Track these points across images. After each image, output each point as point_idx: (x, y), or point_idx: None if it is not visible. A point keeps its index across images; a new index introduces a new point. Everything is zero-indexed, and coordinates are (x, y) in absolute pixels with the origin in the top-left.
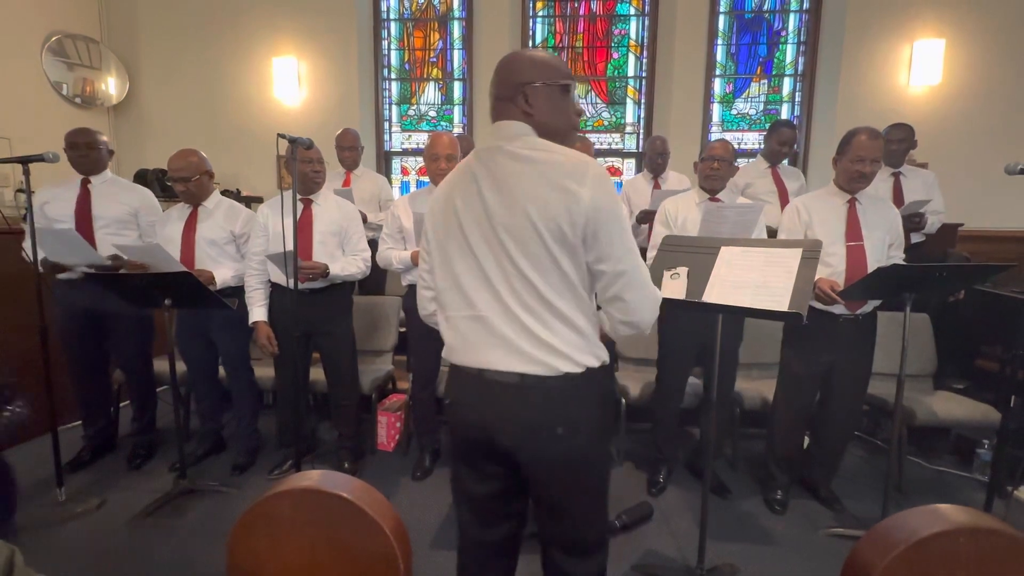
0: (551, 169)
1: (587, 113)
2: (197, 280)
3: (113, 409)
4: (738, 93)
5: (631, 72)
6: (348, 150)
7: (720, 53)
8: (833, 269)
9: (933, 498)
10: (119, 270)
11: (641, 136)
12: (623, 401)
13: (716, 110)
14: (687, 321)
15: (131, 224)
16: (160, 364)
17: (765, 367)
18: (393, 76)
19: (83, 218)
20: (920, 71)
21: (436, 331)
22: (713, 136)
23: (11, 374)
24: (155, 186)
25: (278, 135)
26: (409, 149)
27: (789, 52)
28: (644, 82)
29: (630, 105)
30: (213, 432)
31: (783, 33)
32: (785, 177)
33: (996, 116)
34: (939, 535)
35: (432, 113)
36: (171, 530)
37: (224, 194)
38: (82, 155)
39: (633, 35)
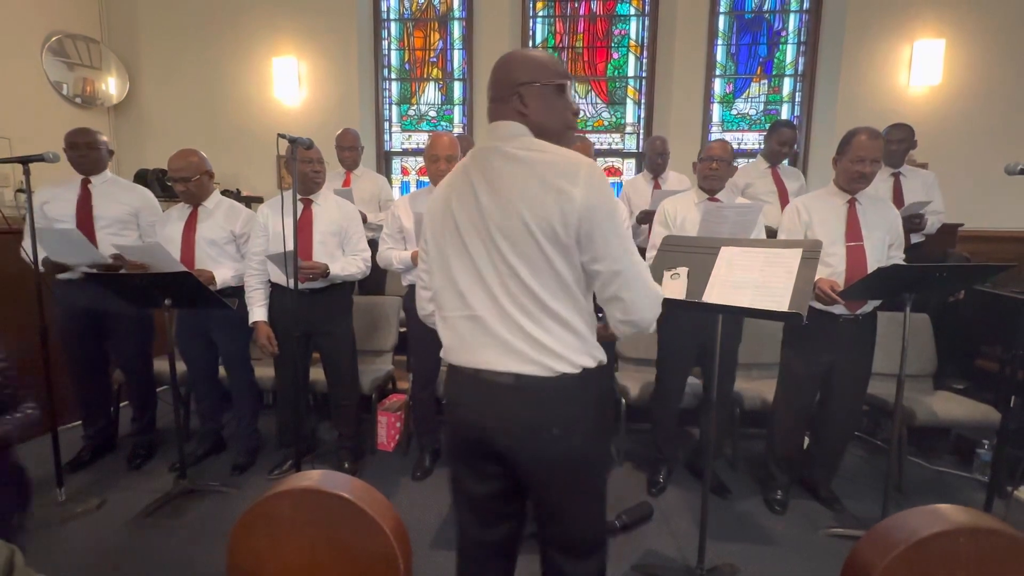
0: (544, 169)
1: (584, 112)
2: (197, 280)
3: (113, 409)
4: (738, 93)
5: (631, 72)
6: (348, 150)
7: (720, 53)
8: (833, 269)
9: (933, 498)
10: (120, 270)
11: (641, 136)
12: (623, 401)
13: (716, 110)
14: (686, 321)
15: (131, 224)
16: (160, 364)
17: (765, 367)
18: (393, 76)
19: (84, 218)
20: (920, 71)
21: (436, 331)
22: (713, 136)
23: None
24: (155, 186)
25: (278, 135)
26: (409, 149)
27: (789, 52)
28: (644, 82)
29: (630, 105)
30: (213, 432)
31: (783, 33)
32: (785, 177)
33: (996, 116)
34: (939, 535)
35: (432, 113)
36: (171, 530)
37: (224, 194)
38: (82, 155)
39: (633, 35)
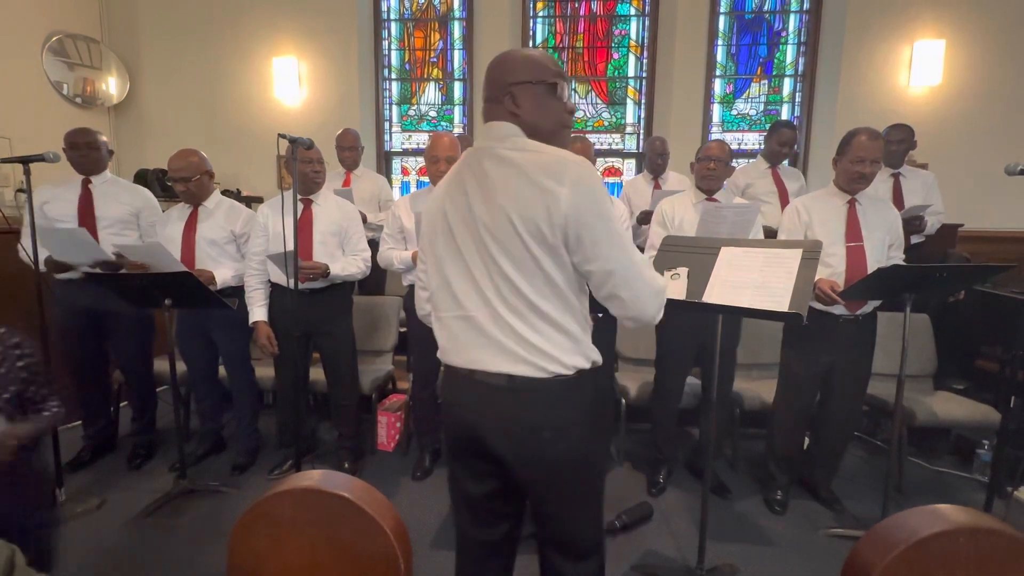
0: (531, 168)
1: (584, 113)
2: (197, 280)
3: (113, 409)
4: (738, 94)
5: (631, 72)
6: (348, 150)
7: (720, 53)
8: (833, 270)
9: (933, 498)
10: (121, 269)
11: (641, 136)
12: (623, 401)
13: (716, 110)
14: (685, 321)
15: (132, 224)
16: (160, 364)
17: (765, 367)
18: (393, 76)
19: (86, 218)
20: (920, 72)
21: None
22: (713, 136)
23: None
24: (155, 186)
25: (278, 135)
26: (409, 149)
27: (789, 53)
28: (644, 82)
29: (630, 105)
30: (213, 432)
31: (783, 34)
32: (785, 178)
33: (996, 117)
34: (939, 535)
35: (432, 113)
36: (171, 530)
37: (224, 194)
38: (83, 155)
39: (633, 35)
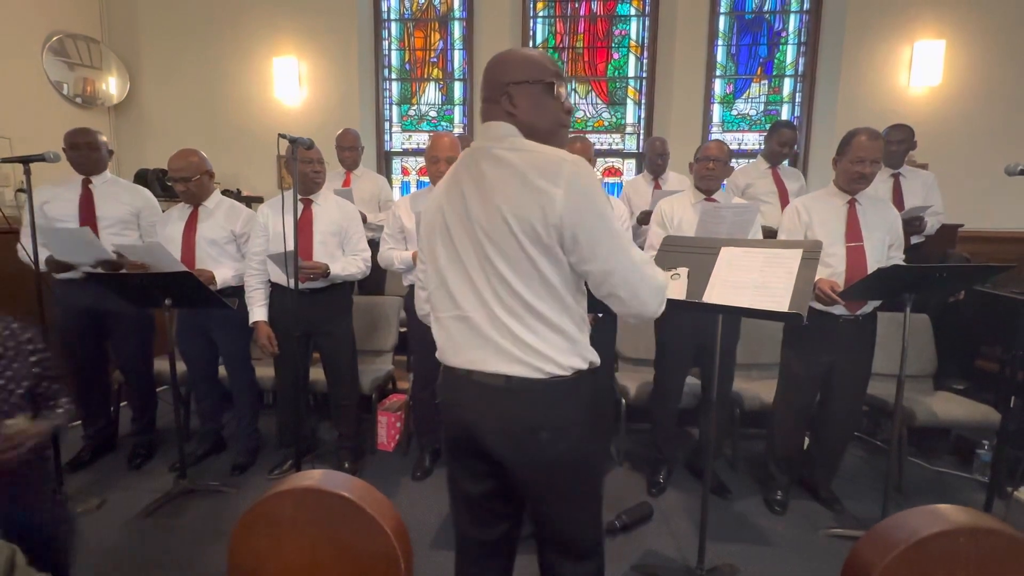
0: (526, 169)
1: (584, 113)
2: (197, 280)
3: (113, 409)
4: (738, 94)
5: (631, 72)
6: (348, 150)
7: (720, 54)
8: (833, 270)
9: (933, 498)
10: (122, 268)
11: (641, 137)
12: (623, 401)
13: (716, 111)
14: (685, 321)
15: (133, 224)
16: (160, 364)
17: (764, 367)
18: (393, 76)
19: (87, 218)
20: (920, 72)
21: None
22: (713, 137)
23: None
24: (155, 186)
25: (278, 135)
26: (409, 149)
27: (789, 53)
28: (644, 83)
29: (630, 106)
30: (213, 432)
31: (783, 34)
32: (785, 178)
33: (996, 117)
34: (939, 535)
35: (432, 113)
36: (171, 530)
37: (224, 194)
38: (83, 155)
39: (633, 36)
